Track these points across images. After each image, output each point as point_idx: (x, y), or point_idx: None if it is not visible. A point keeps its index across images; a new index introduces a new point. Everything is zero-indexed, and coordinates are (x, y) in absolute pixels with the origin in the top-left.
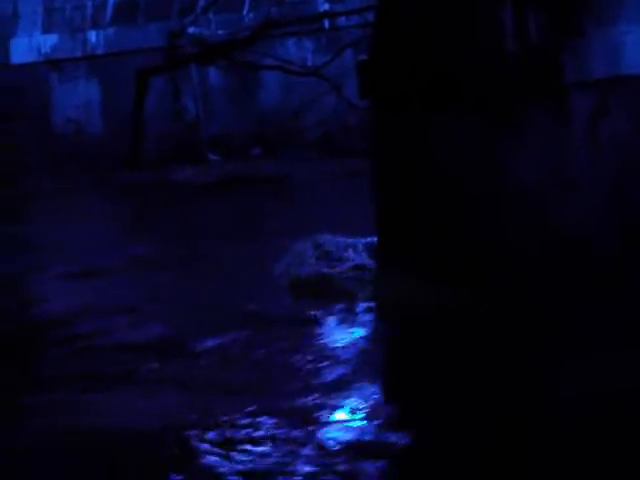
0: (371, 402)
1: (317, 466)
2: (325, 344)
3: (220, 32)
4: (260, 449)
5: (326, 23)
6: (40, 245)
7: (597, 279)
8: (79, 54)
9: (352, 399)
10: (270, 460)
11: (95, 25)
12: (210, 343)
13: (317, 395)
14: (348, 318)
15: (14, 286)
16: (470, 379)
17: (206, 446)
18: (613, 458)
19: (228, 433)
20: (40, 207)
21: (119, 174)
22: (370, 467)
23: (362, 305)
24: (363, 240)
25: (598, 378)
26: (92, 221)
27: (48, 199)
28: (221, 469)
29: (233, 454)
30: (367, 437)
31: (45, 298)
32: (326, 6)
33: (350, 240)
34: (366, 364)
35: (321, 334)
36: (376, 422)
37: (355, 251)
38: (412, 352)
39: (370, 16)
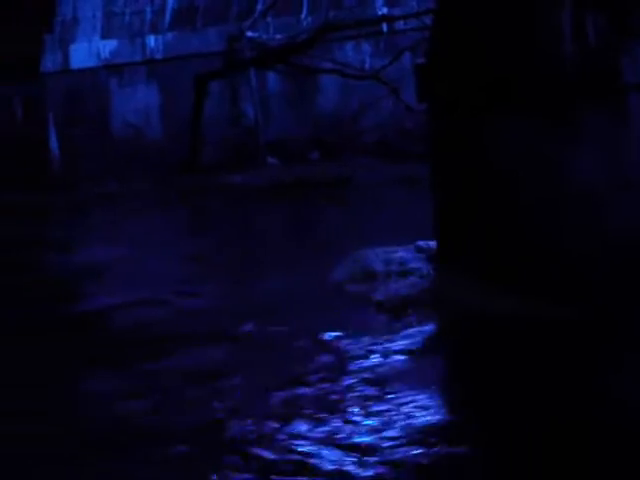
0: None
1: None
2: (384, 349)
3: (278, 36)
4: None
5: (384, 27)
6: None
7: None
8: (138, 59)
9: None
10: None
11: (154, 30)
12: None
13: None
14: (406, 321)
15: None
16: (530, 381)
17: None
18: None
19: None
20: (100, 211)
21: (178, 178)
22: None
23: (421, 309)
24: (421, 245)
25: None
26: (150, 225)
27: (108, 203)
28: None
29: None
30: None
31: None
32: (384, 10)
33: (408, 247)
34: (425, 368)
35: (380, 339)
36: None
37: (414, 257)
38: (470, 356)
39: (428, 19)
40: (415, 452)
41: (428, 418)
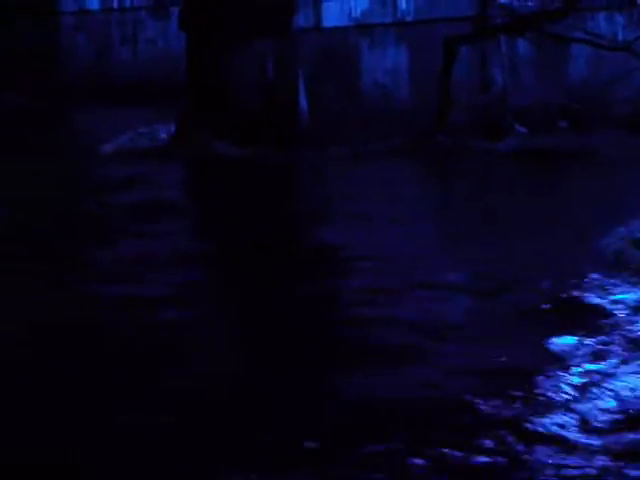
0: None
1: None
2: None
3: (530, 3)
4: None
5: None
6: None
7: None
8: (389, 20)
9: None
10: None
11: None
12: None
13: None
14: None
15: None
16: None
17: None
18: None
19: None
20: (350, 173)
21: (425, 140)
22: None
23: None
24: None
25: None
26: (399, 187)
27: (356, 163)
28: None
29: None
30: None
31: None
32: None
33: None
34: None
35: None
36: None
37: None
38: None
39: None
40: None
41: None
